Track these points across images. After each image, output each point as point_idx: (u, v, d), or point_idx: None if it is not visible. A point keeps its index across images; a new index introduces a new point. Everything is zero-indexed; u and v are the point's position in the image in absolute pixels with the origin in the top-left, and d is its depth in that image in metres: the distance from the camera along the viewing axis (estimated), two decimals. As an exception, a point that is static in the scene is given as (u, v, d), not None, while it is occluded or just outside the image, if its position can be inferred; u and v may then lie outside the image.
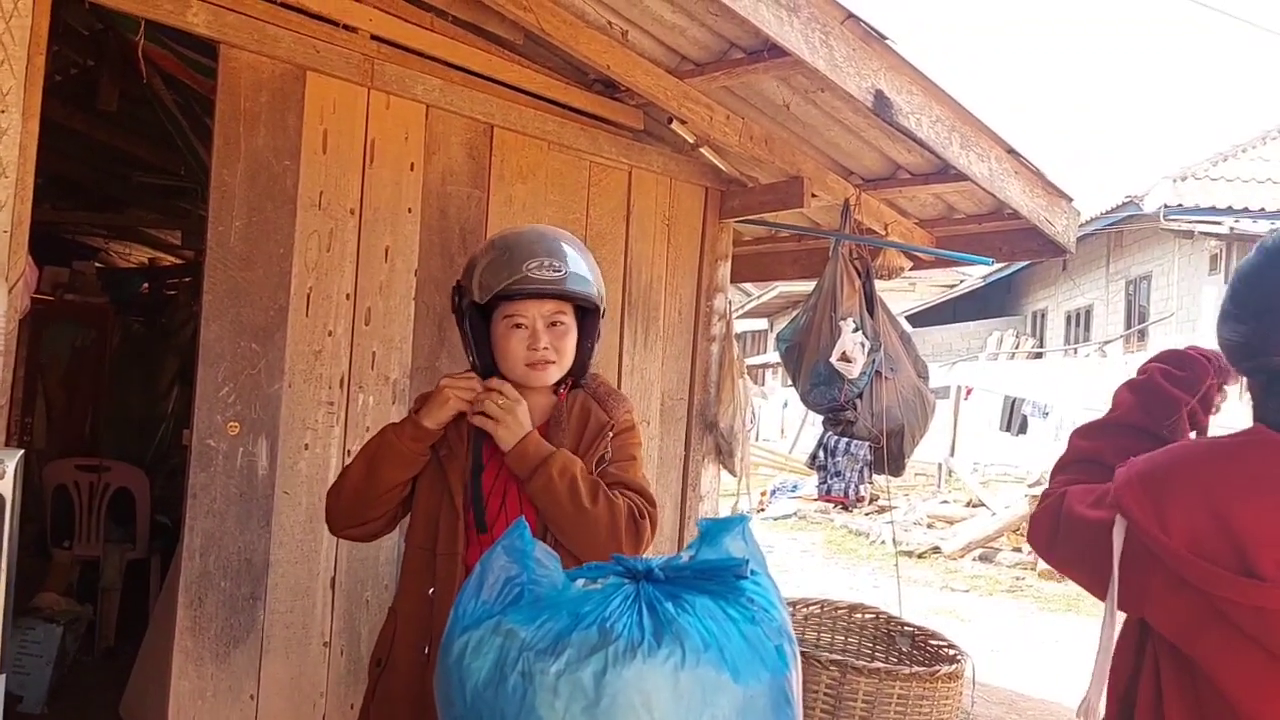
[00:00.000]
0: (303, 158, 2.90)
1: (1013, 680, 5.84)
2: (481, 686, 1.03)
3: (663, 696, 1.00)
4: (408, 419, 1.86)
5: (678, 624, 1.04)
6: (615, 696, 0.99)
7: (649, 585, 1.09)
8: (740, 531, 1.17)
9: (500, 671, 1.03)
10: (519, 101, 3.39)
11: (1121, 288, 15.55)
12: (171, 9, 2.63)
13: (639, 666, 1.01)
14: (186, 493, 2.72)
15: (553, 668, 1.01)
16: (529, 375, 1.85)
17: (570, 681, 1.00)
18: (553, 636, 1.03)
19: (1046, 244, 4.21)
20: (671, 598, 1.07)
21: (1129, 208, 13.38)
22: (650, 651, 1.01)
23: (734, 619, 1.07)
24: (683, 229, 3.94)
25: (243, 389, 2.79)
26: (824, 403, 3.93)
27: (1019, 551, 9.79)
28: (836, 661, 2.99)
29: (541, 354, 1.83)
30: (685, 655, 1.02)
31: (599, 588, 1.10)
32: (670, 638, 1.03)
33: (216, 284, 2.75)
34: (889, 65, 3.11)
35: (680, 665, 1.02)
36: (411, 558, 1.87)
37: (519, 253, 1.80)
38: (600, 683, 1.00)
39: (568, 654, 1.01)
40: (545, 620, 1.05)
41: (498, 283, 1.79)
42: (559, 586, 1.11)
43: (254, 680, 2.81)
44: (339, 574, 2.98)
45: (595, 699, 0.99)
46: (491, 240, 1.89)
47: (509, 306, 1.82)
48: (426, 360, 3.19)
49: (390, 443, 1.84)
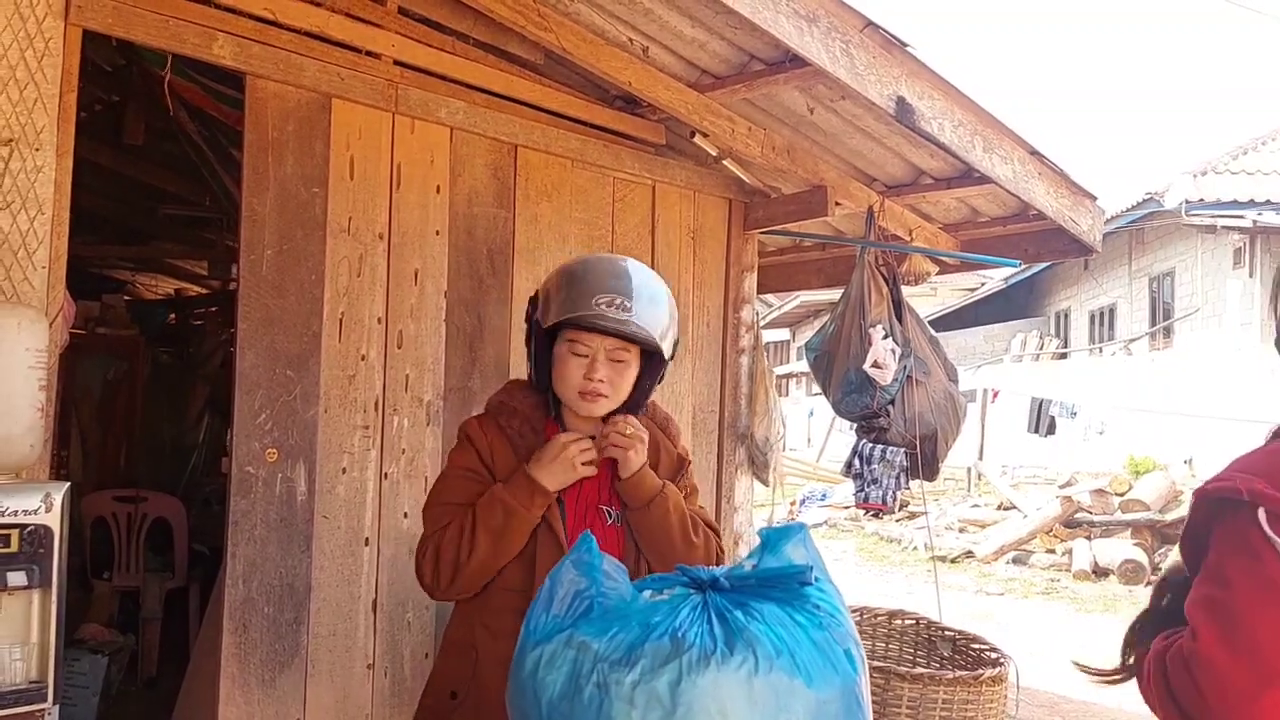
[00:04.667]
0: (330, 184, 2.93)
1: (1053, 683, 5.77)
2: (557, 699, 1.04)
3: (738, 704, 1.00)
4: (526, 486, 1.80)
5: (749, 631, 1.04)
6: (691, 705, 0.99)
7: (715, 595, 1.10)
8: (801, 539, 1.17)
9: (575, 684, 1.03)
10: (541, 121, 3.42)
11: (1145, 285, 15.42)
12: (198, 43, 2.68)
13: (713, 675, 1.01)
14: (228, 520, 2.74)
15: (628, 678, 1.01)
16: (579, 402, 1.86)
17: (646, 691, 1.01)
18: (625, 647, 1.04)
19: (1072, 244, 4.20)
20: (739, 606, 1.08)
21: (1150, 204, 13.28)
22: (724, 659, 1.02)
23: (802, 625, 1.07)
24: (708, 242, 3.96)
25: (279, 415, 2.81)
26: (856, 410, 3.93)
27: (1052, 553, 9.71)
28: (880, 668, 2.98)
29: (595, 385, 1.83)
30: (759, 662, 1.03)
31: (666, 598, 1.11)
32: (742, 645, 1.03)
33: (250, 312, 2.78)
34: (910, 71, 3.12)
35: (754, 672, 1.02)
36: (499, 598, 1.83)
37: (592, 285, 1.81)
38: (675, 691, 1.00)
39: (642, 664, 1.02)
40: (616, 632, 1.05)
41: (565, 311, 1.80)
42: (627, 598, 1.11)
43: (300, 704, 2.82)
44: (380, 596, 2.99)
45: (671, 708, 1.00)
46: (572, 265, 1.89)
47: (573, 333, 1.83)
48: (459, 381, 3.21)
49: (516, 512, 1.79)
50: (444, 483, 1.90)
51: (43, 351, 2.11)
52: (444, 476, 1.92)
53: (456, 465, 1.90)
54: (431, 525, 1.85)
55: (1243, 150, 13.75)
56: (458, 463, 1.90)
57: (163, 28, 2.61)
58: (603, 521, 1.88)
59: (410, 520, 3.05)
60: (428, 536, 1.84)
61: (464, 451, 1.90)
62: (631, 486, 1.84)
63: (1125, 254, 15.57)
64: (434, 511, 1.87)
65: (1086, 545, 9.51)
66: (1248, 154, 13.67)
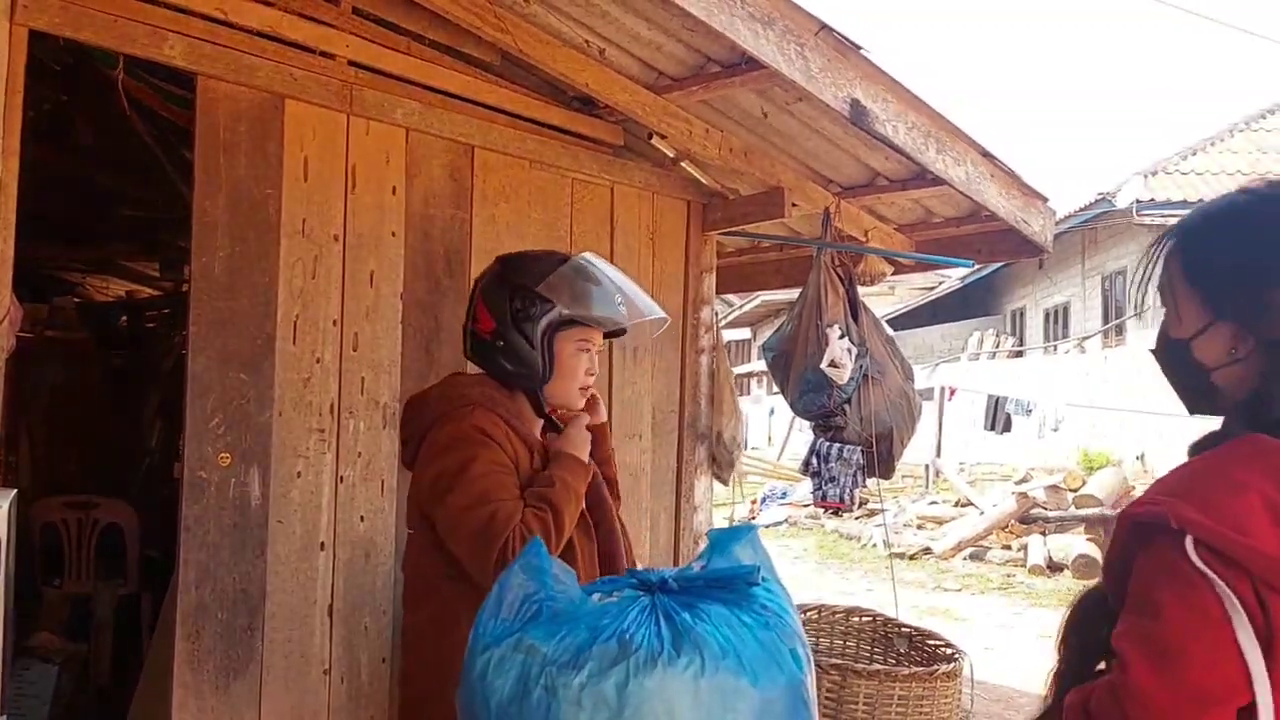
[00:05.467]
0: (284, 185, 2.90)
1: (1009, 677, 5.85)
2: (506, 702, 1.04)
3: (684, 704, 1.02)
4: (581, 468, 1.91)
5: (695, 632, 1.06)
6: (639, 706, 1.01)
7: (664, 596, 1.11)
8: (749, 540, 1.19)
9: (523, 686, 1.04)
10: (498, 122, 3.41)
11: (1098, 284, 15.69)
12: (148, 43, 2.64)
13: (660, 676, 1.02)
14: (180, 526, 2.71)
15: (575, 680, 1.02)
16: (577, 398, 1.97)
17: (593, 693, 1.01)
18: (573, 650, 1.04)
19: (1024, 244, 4.26)
20: (687, 607, 1.09)
21: (1102, 204, 13.51)
22: (670, 660, 1.03)
23: (749, 625, 1.09)
24: (667, 243, 3.97)
25: (233, 419, 2.78)
26: (813, 409, 3.96)
27: (1008, 549, 9.84)
28: (837, 665, 3.01)
29: (591, 380, 1.98)
30: (705, 663, 1.04)
31: (615, 601, 1.12)
32: (689, 646, 1.04)
33: (202, 315, 2.75)
34: (864, 74, 3.15)
35: (700, 673, 1.03)
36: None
37: (608, 286, 1.92)
38: (623, 693, 1.01)
39: (589, 666, 1.03)
40: (565, 634, 1.06)
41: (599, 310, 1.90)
42: (576, 601, 1.12)
43: (255, 711, 2.79)
44: (336, 601, 2.97)
45: (618, 709, 1.01)
46: (579, 265, 1.95)
47: (585, 331, 1.92)
48: (415, 383, 3.19)
49: (582, 497, 1.88)
50: (486, 481, 1.82)
51: (-13, 356, 2.07)
52: (480, 476, 1.82)
53: (488, 465, 1.83)
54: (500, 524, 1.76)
55: (1192, 151, 14.04)
56: (488, 463, 1.84)
57: (112, 27, 2.57)
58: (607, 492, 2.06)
59: (367, 524, 3.03)
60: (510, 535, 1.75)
61: (487, 450, 1.85)
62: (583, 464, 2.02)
63: (1079, 253, 15.82)
64: (491, 511, 1.78)
65: (1041, 541, 9.66)
66: (1197, 154, 13.96)
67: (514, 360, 1.90)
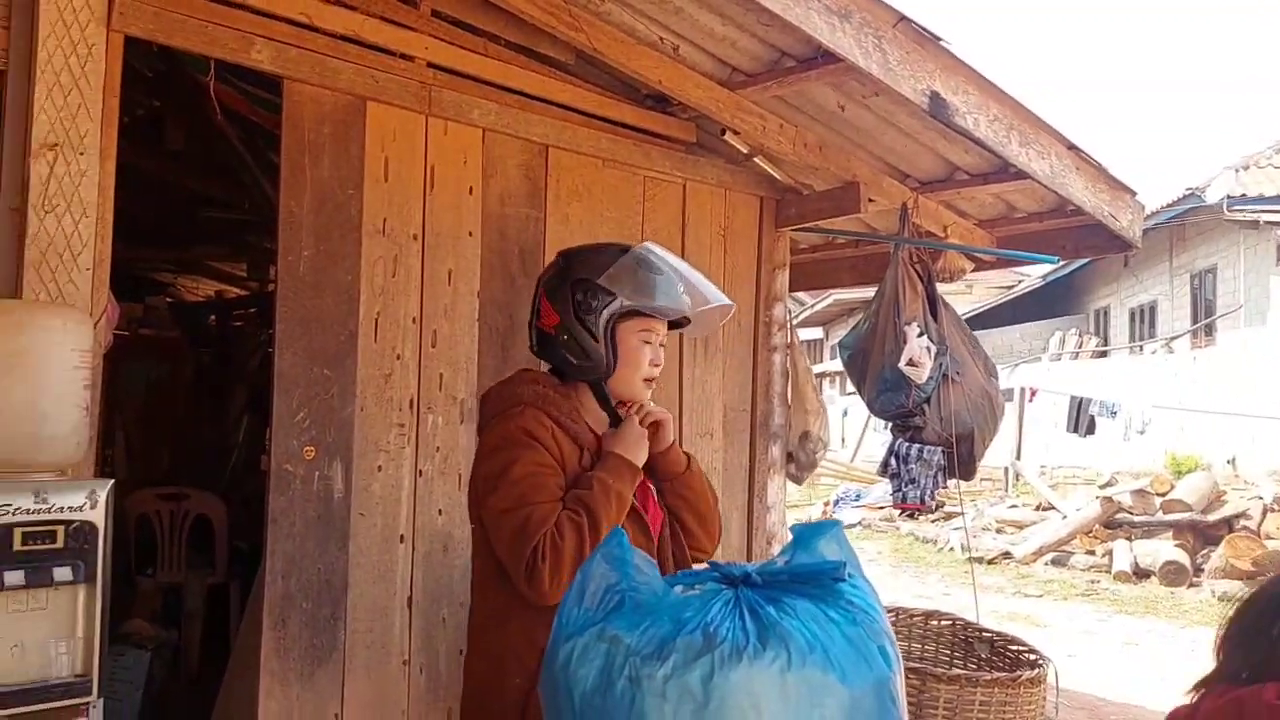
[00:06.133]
0: (366, 186, 2.96)
1: (1093, 685, 5.70)
2: (590, 693, 1.04)
3: (771, 698, 1.01)
4: (629, 470, 1.87)
5: (781, 627, 1.05)
6: (724, 699, 1.00)
7: (747, 590, 1.10)
8: (834, 535, 1.17)
9: (607, 677, 1.04)
10: (572, 121, 3.43)
11: (1186, 282, 15.18)
12: (236, 47, 2.72)
13: (746, 669, 1.01)
14: (267, 517, 2.78)
15: (660, 672, 1.02)
16: (642, 389, 1.96)
17: (678, 685, 1.01)
18: (657, 642, 1.04)
19: (1111, 239, 4.14)
20: (772, 602, 1.08)
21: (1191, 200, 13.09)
22: (756, 654, 1.02)
23: (835, 621, 1.07)
24: (739, 239, 3.95)
25: (317, 414, 2.85)
26: (891, 409, 3.90)
27: (1092, 554, 9.58)
28: (916, 669, 2.96)
29: (656, 371, 1.97)
30: (791, 657, 1.03)
31: (698, 594, 1.11)
32: (775, 640, 1.03)
33: (288, 312, 2.82)
34: (944, 66, 3.09)
35: (787, 667, 1.02)
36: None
37: (670, 275, 1.91)
38: (708, 686, 1.01)
39: (674, 658, 1.02)
40: (648, 626, 1.06)
41: (662, 300, 1.89)
42: (659, 593, 1.12)
43: (338, 700, 2.86)
44: (415, 593, 3.02)
45: (704, 702, 1.00)
46: (640, 255, 1.93)
47: (647, 322, 1.92)
48: (491, 379, 3.19)
49: (625, 497, 1.84)
50: (524, 485, 1.80)
51: (87, 352, 2.15)
52: (518, 480, 1.81)
53: (531, 467, 1.82)
54: (533, 527, 1.75)
55: (1286, 144, 13.50)
56: (531, 465, 1.82)
57: (201, 32, 2.65)
58: (654, 499, 1.97)
59: (445, 517, 3.07)
60: (541, 539, 1.74)
61: (533, 452, 1.83)
62: (675, 452, 2.00)
63: (1166, 250, 15.34)
64: (528, 514, 1.77)
65: (1127, 546, 9.37)
66: (1291, 148, 13.42)
67: (578, 353, 1.90)
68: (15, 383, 1.99)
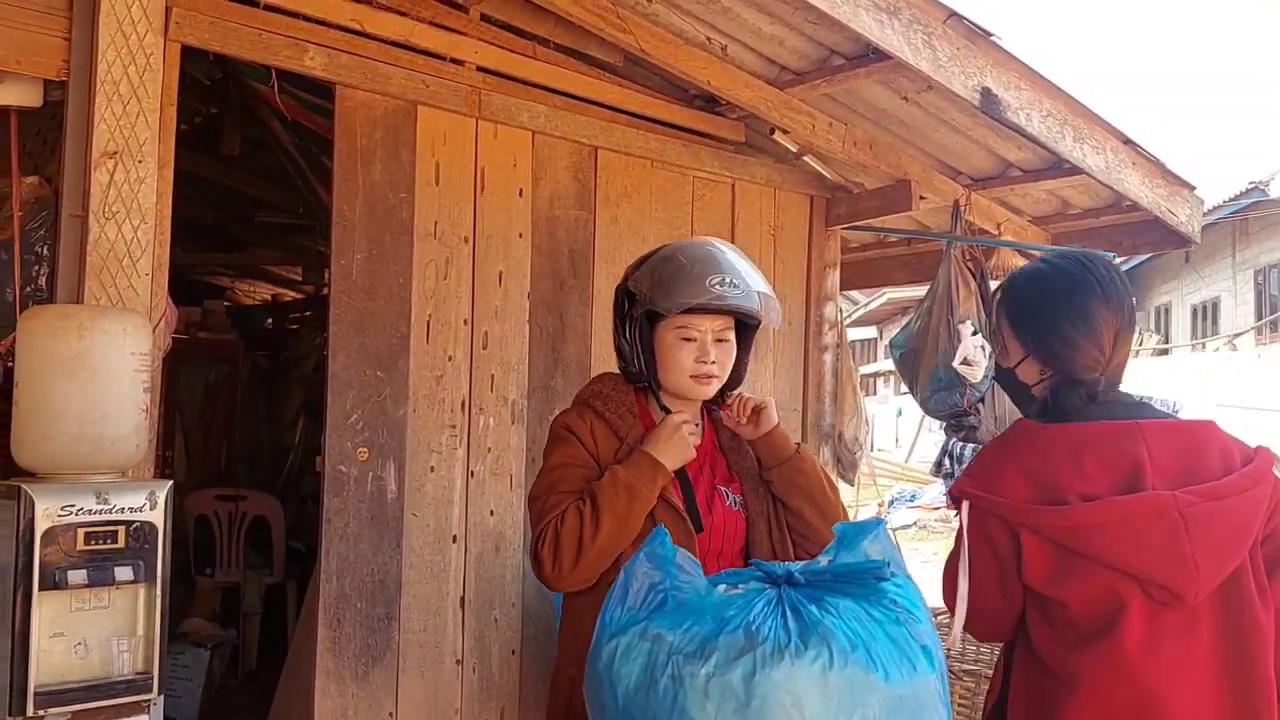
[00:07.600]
0: (417, 189, 3.00)
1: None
2: (633, 691, 1.05)
3: (813, 697, 1.00)
4: (649, 466, 1.84)
5: (823, 626, 1.04)
6: (766, 698, 1.00)
7: (790, 589, 1.09)
8: (877, 535, 1.16)
9: (650, 675, 1.04)
10: (620, 122, 3.44)
11: (1249, 277, 14.79)
12: (290, 55, 2.77)
13: (787, 668, 1.01)
14: (321, 518, 2.83)
15: (702, 670, 1.02)
16: (692, 387, 1.90)
17: (720, 684, 1.01)
18: (699, 640, 1.04)
19: (1169, 235, 4.05)
20: (814, 601, 1.07)
21: (1254, 193, 12.76)
22: (798, 653, 1.02)
23: (878, 620, 1.07)
24: (789, 238, 3.93)
25: (370, 415, 2.89)
26: (945, 408, 3.85)
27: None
28: (970, 671, 2.92)
29: (709, 368, 1.89)
30: (833, 656, 1.02)
31: (740, 593, 1.11)
32: (817, 639, 1.03)
33: (342, 315, 2.86)
34: (995, 61, 3.05)
35: (829, 666, 1.02)
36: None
37: (702, 268, 1.85)
38: (750, 684, 1.00)
39: (716, 657, 1.02)
40: (691, 624, 1.06)
41: (683, 297, 1.84)
42: (701, 592, 1.12)
43: (392, 698, 2.89)
44: (468, 593, 3.05)
45: (745, 700, 1.00)
46: (670, 252, 1.93)
47: (682, 318, 1.87)
48: (542, 380, 3.25)
49: (640, 492, 1.82)
50: (552, 476, 1.90)
51: (147, 355, 2.20)
52: (549, 471, 1.92)
53: (562, 459, 1.90)
54: (545, 514, 1.84)
55: (1356, 134, 13.09)
56: (563, 457, 1.90)
57: (256, 41, 2.71)
58: (723, 502, 1.94)
59: (496, 518, 3.10)
60: (545, 525, 1.82)
61: (568, 445, 1.91)
62: (779, 437, 1.97)
63: (1228, 245, 14.95)
64: (545, 503, 1.86)
65: (1190, 547, 9.15)
66: (1362, 138, 13.00)
67: (623, 359, 1.96)
68: (77, 386, 2.05)
